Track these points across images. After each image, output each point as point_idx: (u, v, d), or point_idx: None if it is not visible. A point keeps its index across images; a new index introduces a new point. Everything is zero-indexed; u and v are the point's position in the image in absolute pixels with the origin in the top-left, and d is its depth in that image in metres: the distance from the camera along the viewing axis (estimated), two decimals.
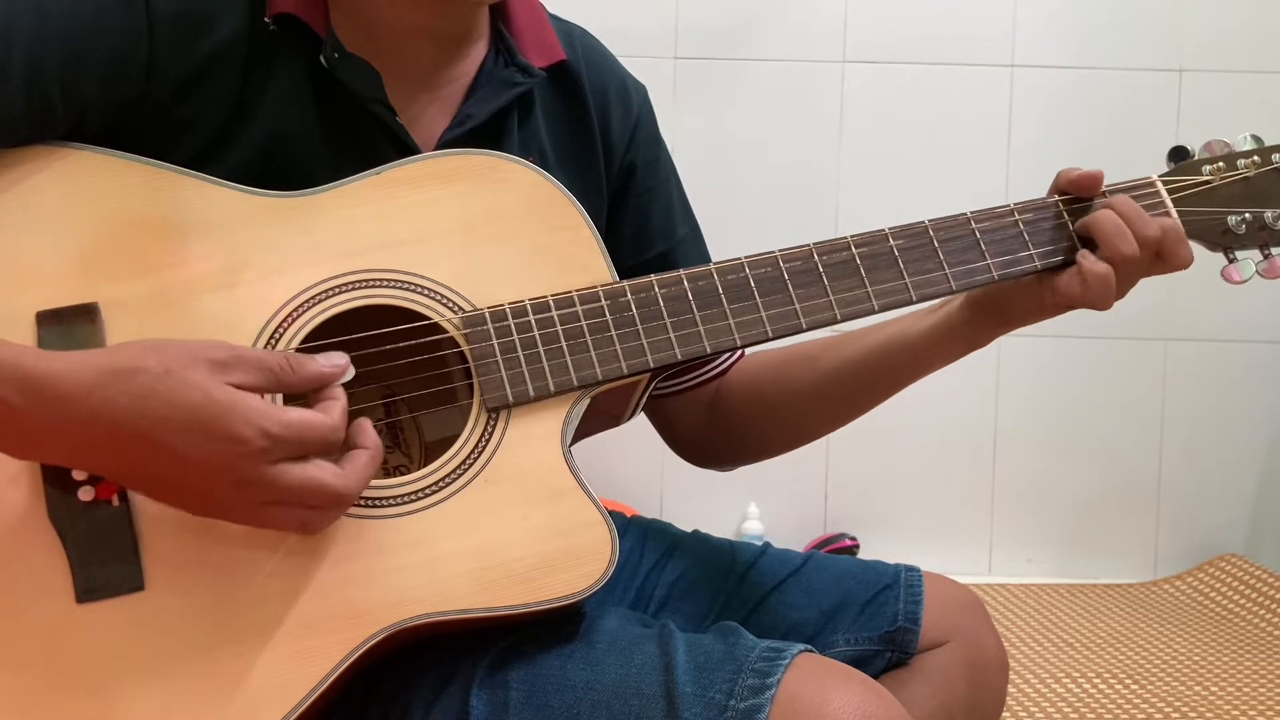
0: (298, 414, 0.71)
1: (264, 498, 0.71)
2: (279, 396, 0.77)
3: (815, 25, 2.50)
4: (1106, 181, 0.94)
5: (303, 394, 0.76)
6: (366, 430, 0.76)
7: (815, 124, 2.51)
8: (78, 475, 0.76)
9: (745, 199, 2.46)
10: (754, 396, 1.06)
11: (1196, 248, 0.95)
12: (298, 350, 0.81)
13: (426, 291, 0.84)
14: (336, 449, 0.73)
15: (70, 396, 0.67)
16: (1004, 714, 1.02)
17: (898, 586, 0.98)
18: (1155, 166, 0.96)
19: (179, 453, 0.68)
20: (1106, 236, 0.88)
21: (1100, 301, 0.89)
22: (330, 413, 0.73)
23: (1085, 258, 0.89)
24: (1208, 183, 0.94)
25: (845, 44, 2.51)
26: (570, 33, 1.02)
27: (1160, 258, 0.90)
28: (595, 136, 1.00)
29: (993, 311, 0.94)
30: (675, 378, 1.05)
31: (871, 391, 1.01)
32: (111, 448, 0.69)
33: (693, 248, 1.06)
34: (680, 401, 1.07)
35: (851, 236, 0.90)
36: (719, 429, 1.07)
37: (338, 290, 0.82)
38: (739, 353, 1.08)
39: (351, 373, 0.76)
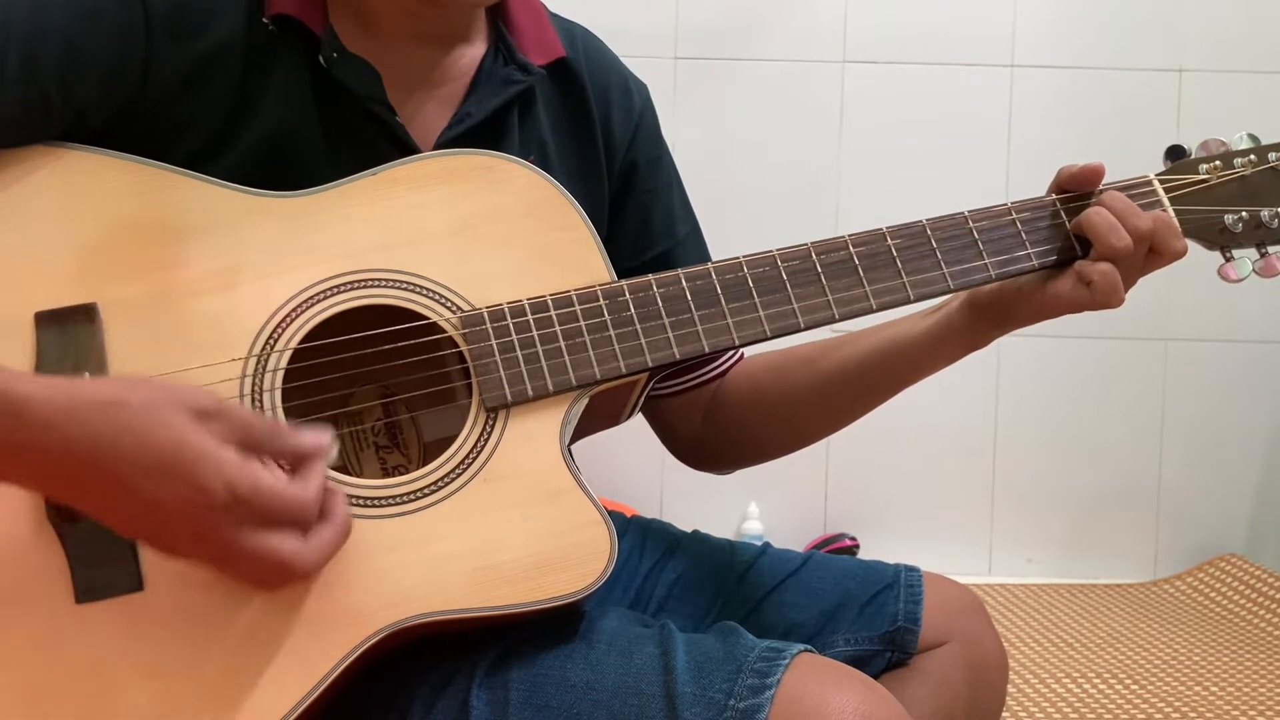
0: (271, 480, 0.68)
1: (218, 554, 0.69)
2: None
3: (815, 25, 2.50)
4: (1105, 180, 0.94)
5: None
6: (338, 504, 0.73)
7: (815, 124, 2.51)
8: None
9: (745, 199, 2.46)
10: (753, 398, 1.05)
11: (1193, 246, 0.95)
12: (296, 349, 0.81)
13: (425, 291, 0.84)
14: (307, 524, 0.71)
15: (47, 424, 0.65)
16: (1004, 714, 1.02)
17: (898, 586, 0.98)
18: (1155, 166, 0.96)
19: (142, 492, 0.67)
20: (1100, 233, 0.88)
21: (1109, 299, 0.89)
22: (306, 486, 0.70)
23: (1082, 264, 0.89)
24: (1204, 181, 0.94)
25: (845, 44, 2.51)
26: (571, 31, 1.02)
27: (1154, 251, 0.90)
28: (597, 134, 1.00)
29: (992, 312, 0.94)
30: (673, 379, 1.05)
31: (871, 393, 1.01)
32: (76, 478, 0.67)
33: (693, 247, 1.06)
34: (679, 403, 1.07)
35: (849, 236, 0.90)
36: (717, 431, 1.07)
37: (336, 290, 0.82)
38: (738, 354, 1.08)
39: (335, 453, 0.74)
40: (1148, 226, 0.89)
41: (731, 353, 1.07)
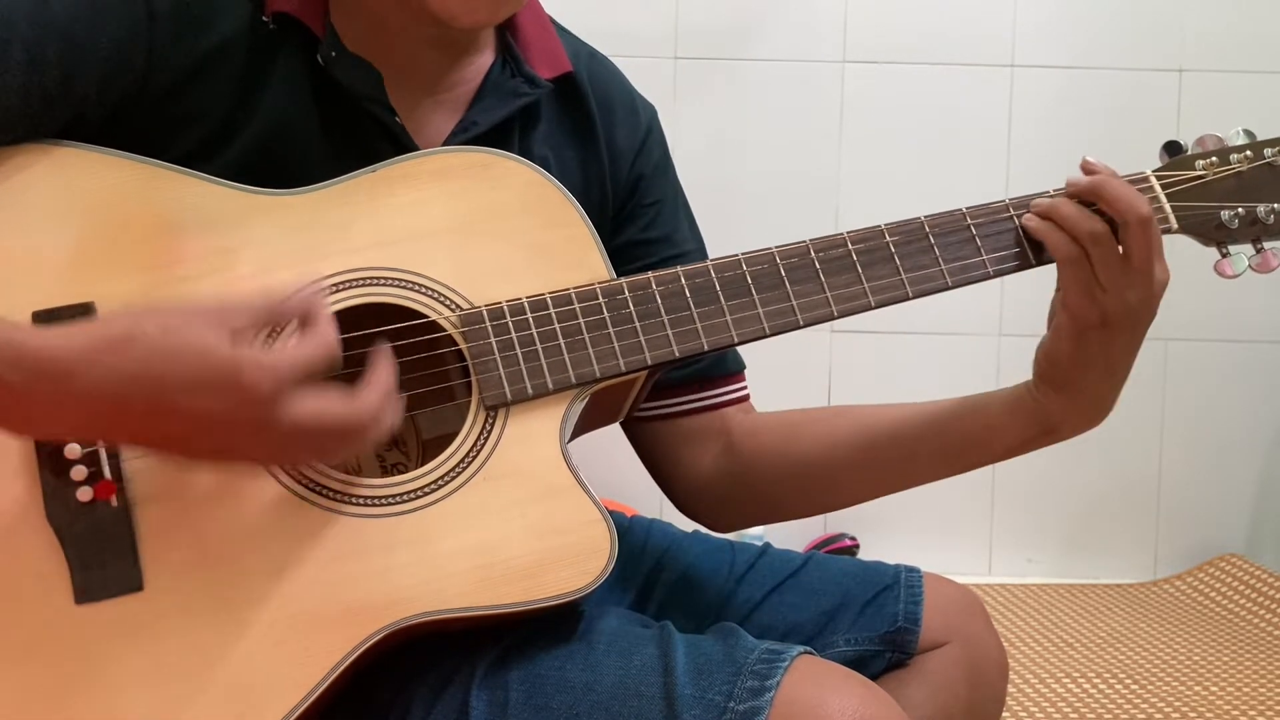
0: (295, 348, 0.71)
1: (280, 438, 0.71)
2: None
3: (815, 25, 2.50)
4: None
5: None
6: (381, 356, 0.76)
7: (815, 124, 2.51)
8: (76, 475, 0.76)
9: (745, 199, 2.46)
10: (786, 445, 0.99)
11: (1189, 242, 0.95)
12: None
13: (424, 289, 0.84)
14: (337, 364, 0.73)
15: (71, 371, 0.66)
16: (1004, 714, 1.02)
17: (898, 587, 0.98)
18: (1153, 166, 0.96)
19: (189, 410, 0.68)
20: (1049, 239, 0.87)
21: (1079, 302, 0.86)
22: (320, 335, 0.73)
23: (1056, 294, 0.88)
24: (1201, 178, 0.94)
25: (845, 44, 2.51)
26: (579, 48, 1.02)
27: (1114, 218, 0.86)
28: (601, 151, 0.99)
29: (1041, 370, 0.90)
30: (666, 398, 1.02)
31: (929, 457, 0.95)
32: (121, 416, 0.68)
33: (699, 259, 1.04)
34: (690, 431, 1.02)
35: (848, 233, 0.90)
36: (735, 480, 1.01)
37: (335, 289, 0.82)
38: (743, 387, 1.04)
39: (327, 284, 0.77)
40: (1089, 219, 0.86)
41: (738, 385, 1.04)
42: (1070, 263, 0.87)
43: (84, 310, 0.78)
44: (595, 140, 1.00)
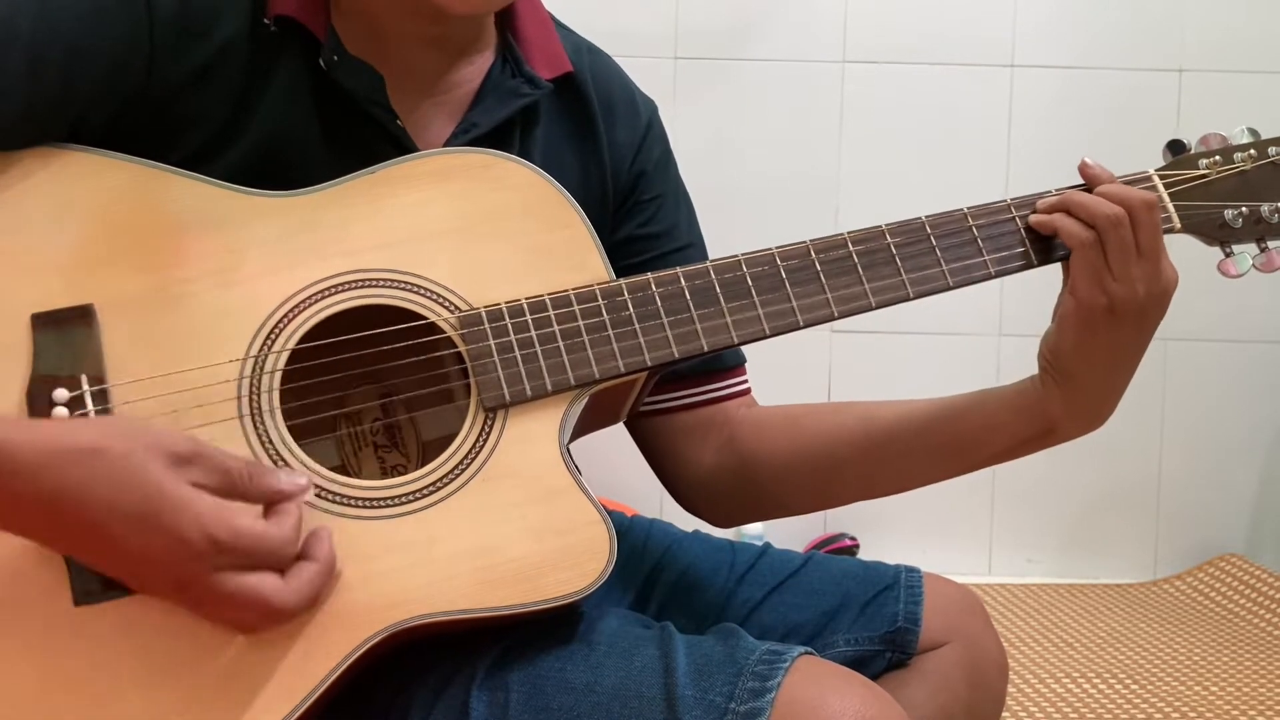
0: (249, 523, 0.69)
1: (200, 599, 0.70)
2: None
3: (815, 25, 2.50)
4: None
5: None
6: (321, 541, 0.74)
7: (815, 124, 2.51)
8: None
9: (745, 199, 2.46)
10: (788, 440, 0.99)
11: (1193, 242, 0.95)
12: (295, 349, 0.80)
13: (423, 291, 0.84)
14: (287, 563, 0.72)
15: (23, 470, 0.66)
16: (1004, 714, 1.02)
17: (898, 587, 0.98)
18: (1155, 166, 0.95)
19: (121, 541, 0.67)
20: (1063, 227, 0.88)
21: (1089, 292, 0.86)
22: (282, 526, 0.71)
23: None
24: (1204, 177, 0.94)
25: (845, 44, 2.51)
26: (579, 46, 1.01)
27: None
28: (602, 150, 0.99)
29: (1045, 364, 0.90)
30: (667, 392, 1.02)
31: (928, 455, 0.95)
32: (56, 526, 0.68)
33: (698, 256, 1.04)
34: (691, 426, 1.02)
35: (848, 234, 0.90)
36: (735, 475, 1.01)
37: (334, 290, 0.82)
38: (744, 381, 1.04)
39: (311, 494, 0.75)
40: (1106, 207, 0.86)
41: (735, 380, 1.04)
42: (1084, 248, 0.86)
43: (83, 311, 0.78)
44: (596, 139, 0.99)
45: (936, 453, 0.95)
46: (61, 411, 0.76)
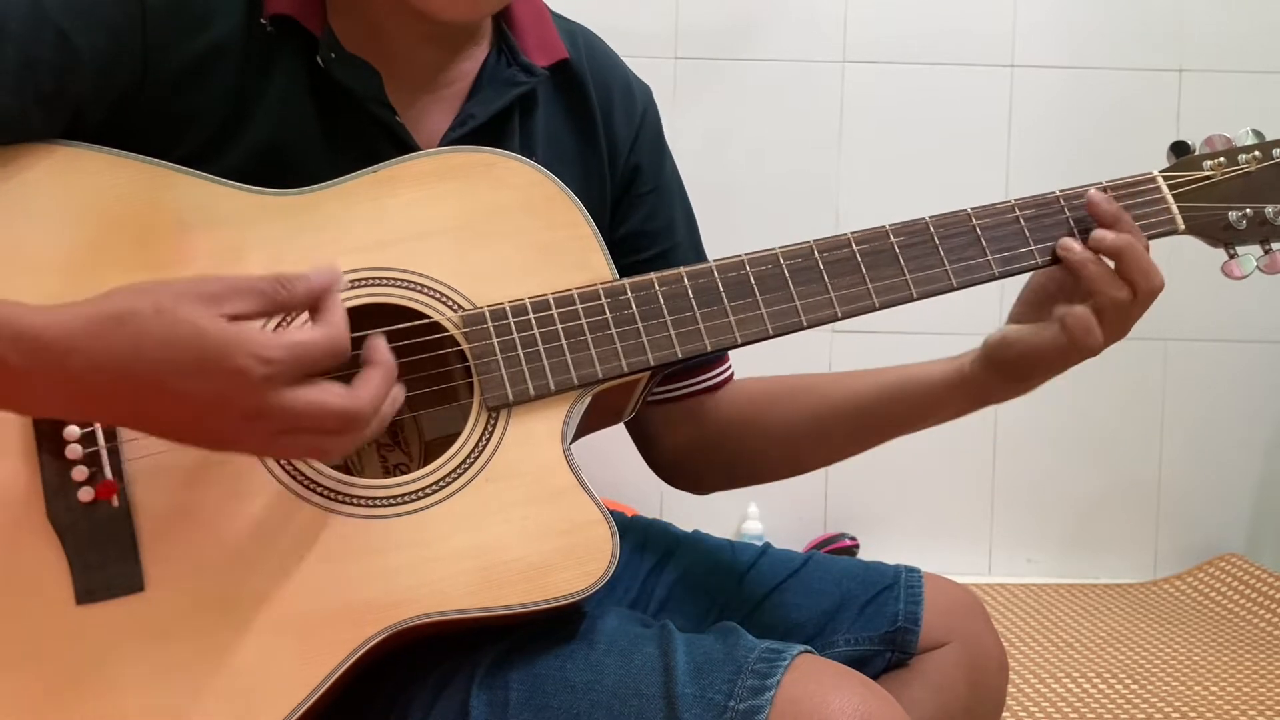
0: (296, 335, 0.69)
1: (274, 427, 0.69)
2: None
3: (815, 25, 2.50)
4: (1106, 179, 0.94)
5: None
6: (378, 347, 0.73)
7: (815, 124, 2.51)
8: (77, 475, 0.76)
9: (745, 199, 2.46)
10: (752, 418, 1.05)
11: (1196, 244, 0.95)
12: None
13: (426, 290, 0.84)
14: (344, 359, 0.70)
15: (66, 348, 0.66)
16: (1004, 714, 1.02)
17: (898, 587, 0.98)
18: (1155, 166, 0.95)
19: (181, 392, 0.67)
20: (1095, 283, 0.89)
21: (1085, 340, 0.88)
22: (329, 325, 0.70)
23: (1060, 308, 0.89)
24: (1209, 178, 0.94)
25: (845, 44, 2.51)
26: (574, 32, 1.02)
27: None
28: (599, 136, 1.00)
29: (998, 362, 0.94)
30: (665, 384, 1.04)
31: (873, 429, 1.01)
32: (113, 394, 0.67)
33: (692, 249, 1.06)
34: (667, 412, 1.06)
35: (852, 233, 0.90)
36: (708, 449, 1.06)
37: None
38: (729, 369, 1.07)
39: (345, 280, 0.74)
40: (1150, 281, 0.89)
41: (723, 366, 1.06)
42: (1114, 308, 0.88)
43: None
44: (594, 126, 1.00)
45: (881, 427, 1.01)
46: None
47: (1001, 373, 0.94)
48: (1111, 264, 0.89)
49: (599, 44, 1.03)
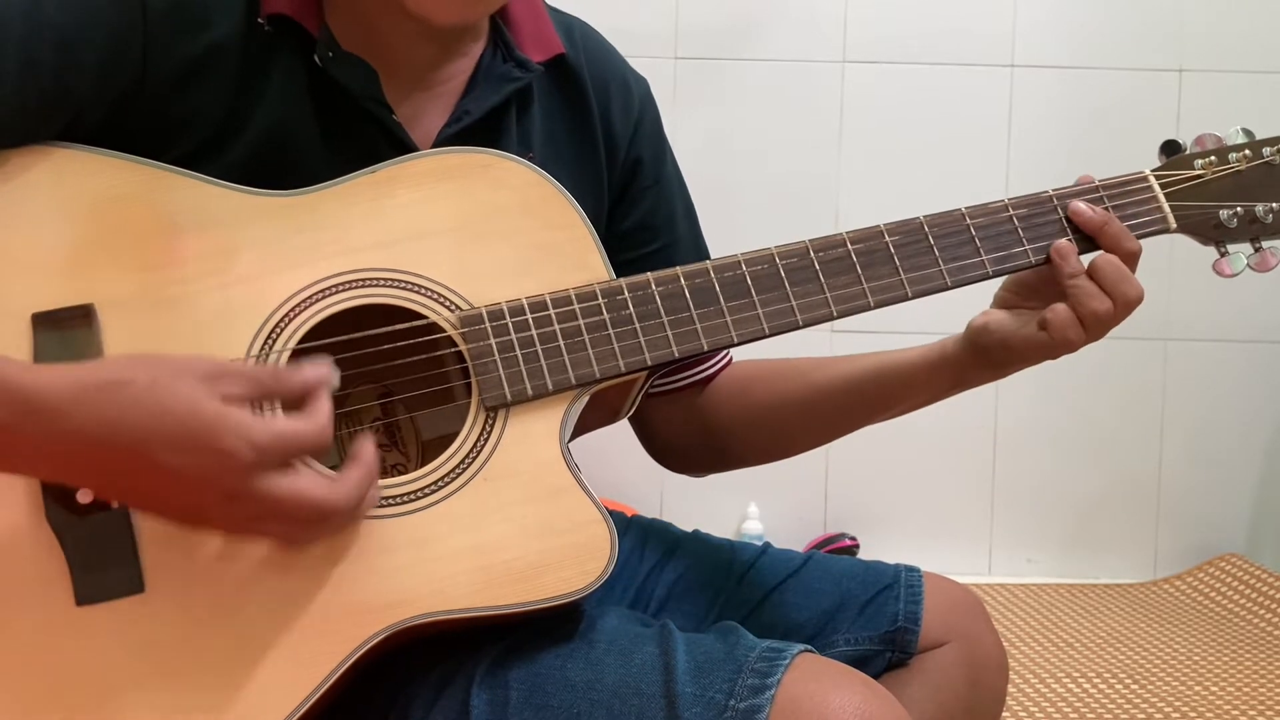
0: (284, 424, 0.70)
1: (252, 511, 0.70)
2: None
3: (815, 25, 2.50)
4: (1101, 177, 0.94)
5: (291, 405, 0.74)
6: (365, 445, 0.75)
7: (815, 124, 2.51)
8: None
9: (745, 199, 2.46)
10: (740, 403, 1.05)
11: (1188, 242, 0.95)
12: (295, 349, 0.81)
13: (424, 290, 0.84)
14: (325, 453, 0.72)
15: (55, 410, 0.66)
16: (1004, 714, 1.02)
17: (898, 587, 0.98)
18: (1153, 166, 0.96)
19: (165, 465, 0.67)
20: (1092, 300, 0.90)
21: (1065, 334, 0.90)
22: (316, 417, 0.72)
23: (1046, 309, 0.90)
24: (1199, 177, 0.94)
25: (845, 44, 2.51)
26: (570, 26, 1.02)
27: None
28: (596, 131, 1.00)
29: (978, 350, 0.95)
30: (662, 378, 1.05)
31: (859, 412, 1.02)
32: (96, 461, 0.68)
33: (692, 244, 1.06)
34: (664, 403, 1.07)
35: (847, 233, 0.90)
36: (700, 434, 1.07)
37: (335, 290, 0.82)
38: (726, 357, 1.08)
39: (337, 380, 0.75)
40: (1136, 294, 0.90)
41: (721, 355, 1.07)
42: (1093, 316, 0.90)
43: (84, 312, 0.78)
44: (591, 121, 1.00)
45: (867, 405, 1.02)
46: None
47: (981, 358, 0.95)
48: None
49: (596, 38, 1.03)
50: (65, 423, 0.66)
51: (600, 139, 1.00)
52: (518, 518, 0.80)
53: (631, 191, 1.02)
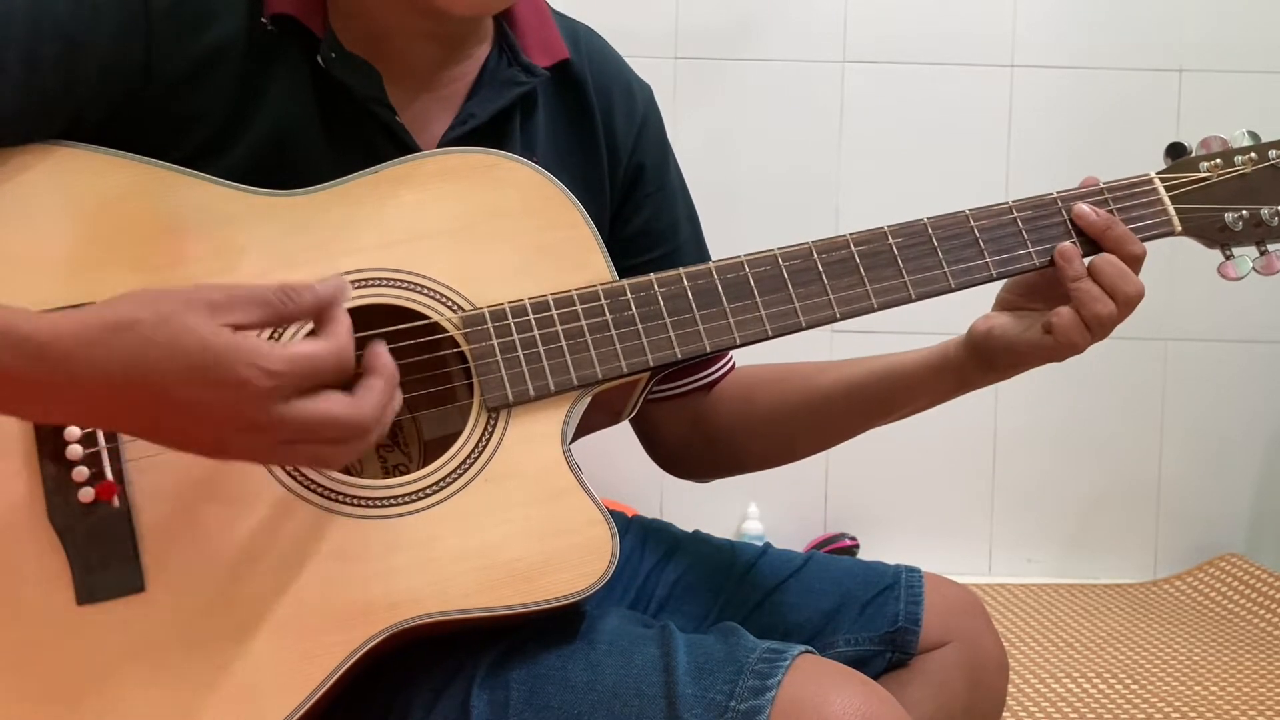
0: (300, 347, 0.68)
1: (277, 438, 0.69)
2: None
3: (815, 25, 2.50)
4: (1102, 178, 0.94)
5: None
6: (380, 355, 0.73)
7: (815, 124, 2.51)
8: (77, 476, 0.76)
9: (745, 199, 2.46)
10: (744, 409, 1.05)
11: (1193, 245, 0.95)
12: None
13: (426, 291, 0.84)
14: (347, 373, 0.70)
15: (68, 355, 0.65)
16: (1004, 714, 1.02)
17: (898, 587, 0.98)
18: (1155, 166, 0.96)
19: (183, 401, 0.66)
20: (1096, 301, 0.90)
21: (1070, 336, 0.89)
22: (334, 337, 0.70)
23: (1049, 314, 0.90)
24: (1205, 180, 0.94)
25: (845, 44, 2.51)
26: (575, 31, 1.02)
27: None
28: (599, 137, 1.00)
29: (982, 353, 0.94)
30: (665, 382, 1.05)
31: (862, 415, 1.01)
32: (116, 402, 0.67)
33: (695, 250, 1.06)
34: (667, 408, 1.06)
35: (850, 235, 0.90)
36: (703, 438, 1.07)
37: None
38: (730, 363, 1.08)
39: (350, 290, 0.73)
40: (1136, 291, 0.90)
41: (724, 361, 1.07)
42: (1096, 318, 0.90)
43: None
44: (594, 127, 1.00)
45: (870, 408, 1.01)
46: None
47: (985, 362, 0.95)
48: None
49: (600, 44, 1.03)
50: (75, 366, 0.65)
51: (603, 145, 1.00)
52: (519, 519, 0.80)
53: (634, 198, 1.02)
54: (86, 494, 0.75)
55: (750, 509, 2.48)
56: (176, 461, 0.76)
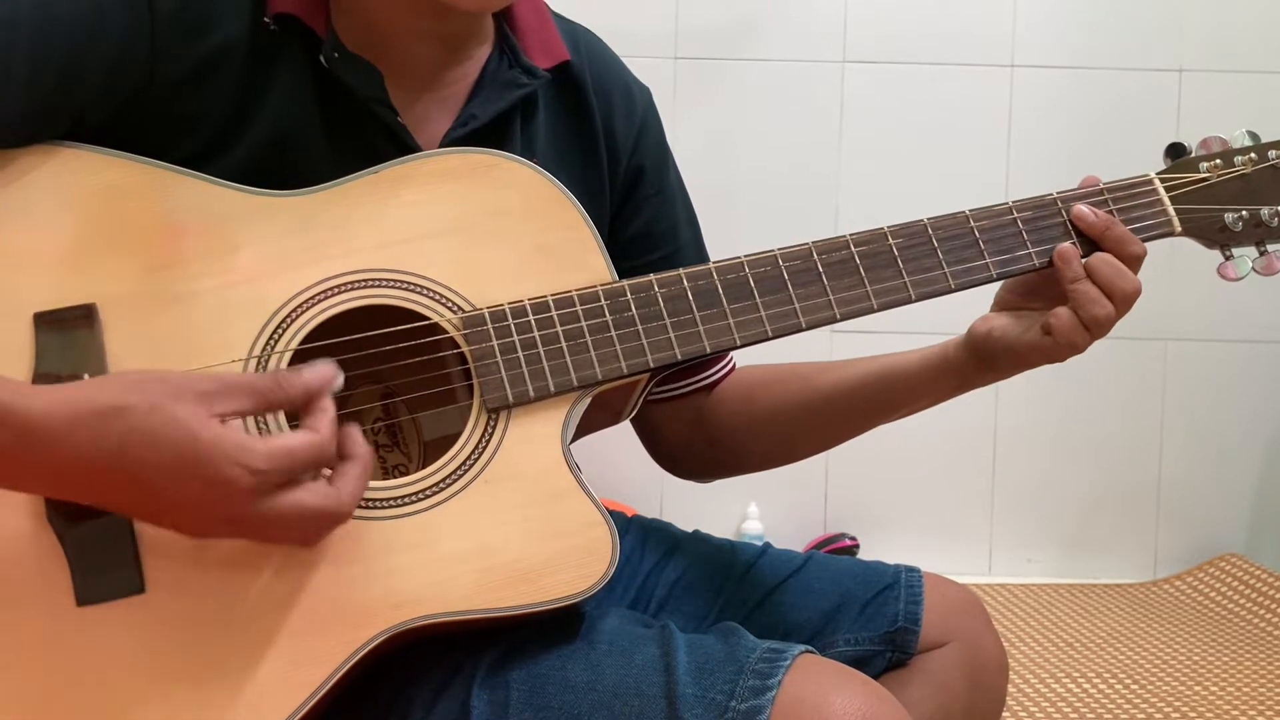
0: (282, 441, 0.69)
1: (256, 529, 0.71)
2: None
3: (815, 25, 2.50)
4: (1102, 178, 0.94)
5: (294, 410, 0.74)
6: (354, 439, 0.74)
7: (815, 124, 2.51)
8: None
9: (745, 199, 2.46)
10: (745, 409, 1.05)
11: (1193, 245, 0.95)
12: (298, 350, 0.81)
13: (426, 291, 0.84)
14: (329, 463, 0.72)
15: (53, 437, 0.65)
16: (1004, 714, 1.02)
17: (898, 587, 0.98)
18: (1155, 166, 0.96)
19: (167, 491, 0.68)
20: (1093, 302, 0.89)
21: (1071, 337, 0.89)
22: (317, 428, 0.71)
23: (1048, 314, 0.90)
24: (1205, 180, 0.94)
25: (845, 44, 2.51)
26: (575, 33, 1.02)
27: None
28: (599, 138, 1.00)
29: (981, 353, 0.94)
30: (666, 384, 1.05)
31: (862, 415, 1.01)
32: (97, 485, 0.68)
33: (695, 252, 1.06)
34: (668, 409, 1.07)
35: (850, 235, 0.90)
36: (705, 440, 1.07)
37: (337, 290, 0.82)
38: (730, 364, 1.08)
39: (340, 381, 0.75)
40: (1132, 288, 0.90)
41: (724, 362, 1.07)
42: (1093, 319, 0.89)
43: (85, 311, 0.78)
44: (593, 129, 1.00)
45: (870, 409, 1.01)
46: None
47: (984, 362, 0.95)
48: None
49: (600, 46, 1.04)
50: (62, 448, 0.66)
51: (603, 147, 1.00)
52: (519, 520, 0.80)
53: (634, 200, 1.03)
54: None
55: (750, 509, 2.48)
56: None
